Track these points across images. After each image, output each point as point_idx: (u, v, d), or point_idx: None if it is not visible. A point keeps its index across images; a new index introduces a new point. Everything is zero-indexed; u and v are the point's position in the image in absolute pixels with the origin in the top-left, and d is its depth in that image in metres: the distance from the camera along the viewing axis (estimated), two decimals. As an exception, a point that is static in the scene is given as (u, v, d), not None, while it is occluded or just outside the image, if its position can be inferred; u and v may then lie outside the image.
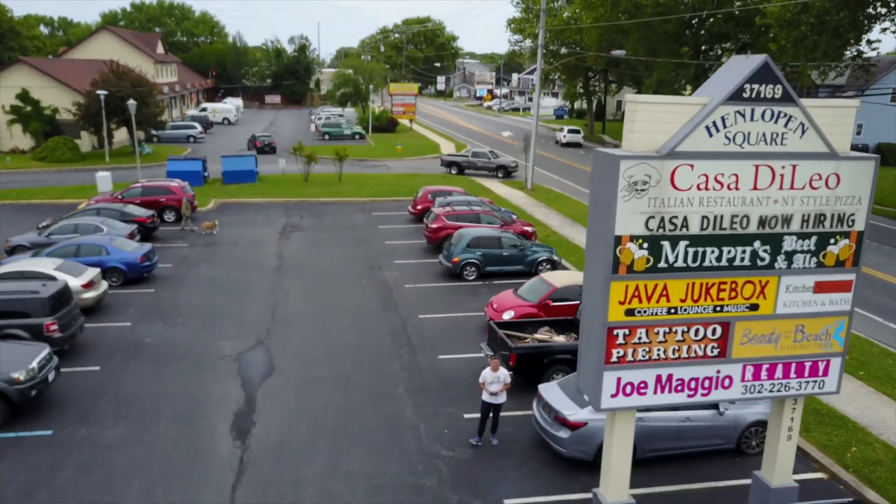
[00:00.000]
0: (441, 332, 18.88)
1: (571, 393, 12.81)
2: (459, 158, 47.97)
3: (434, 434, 13.61)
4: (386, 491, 11.74)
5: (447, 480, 12.08)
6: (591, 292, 9.38)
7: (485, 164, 47.10)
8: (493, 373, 12.94)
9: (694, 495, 11.83)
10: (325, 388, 15.48)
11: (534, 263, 23.53)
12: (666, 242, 8.95)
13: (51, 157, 46.34)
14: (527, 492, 11.78)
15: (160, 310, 20.23)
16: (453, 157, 48.53)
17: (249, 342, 17.98)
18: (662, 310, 9.20)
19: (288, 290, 22.22)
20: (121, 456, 12.64)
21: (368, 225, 31.68)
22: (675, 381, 9.52)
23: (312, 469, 12.33)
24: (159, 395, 15.01)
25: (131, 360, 16.76)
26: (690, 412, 12.57)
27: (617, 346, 9.18)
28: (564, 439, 12.21)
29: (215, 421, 13.96)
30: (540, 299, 18.34)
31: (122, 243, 22.72)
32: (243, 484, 11.86)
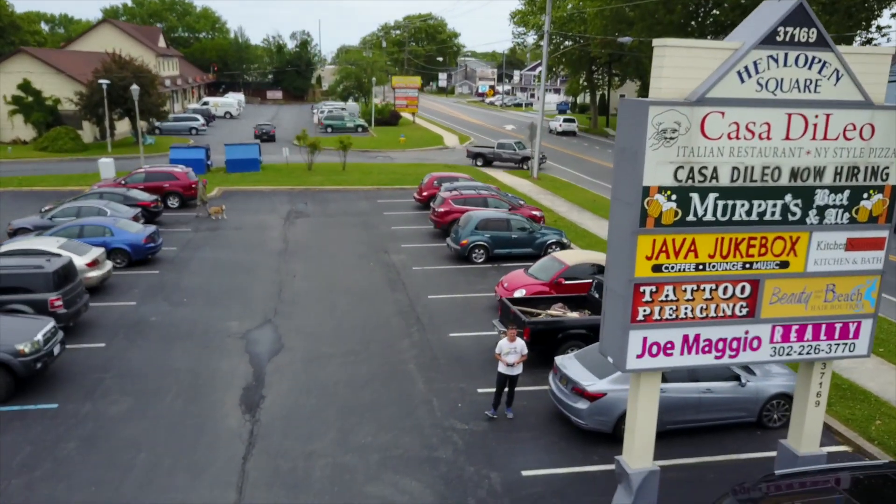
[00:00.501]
0: (450, 311, 18.55)
1: (589, 364, 12.49)
2: (485, 149, 45.88)
3: (447, 408, 13.29)
4: (400, 463, 11.41)
5: (462, 452, 11.75)
6: (616, 248, 9.04)
7: (510, 156, 44.78)
8: (510, 343, 12.62)
9: (715, 467, 11.49)
10: (334, 365, 15.16)
11: (543, 246, 23.18)
12: (695, 194, 8.62)
13: (52, 147, 46.03)
14: (545, 463, 11.45)
15: (165, 290, 19.92)
16: (479, 147, 46.90)
17: (256, 321, 17.67)
18: (690, 266, 8.86)
19: (294, 272, 21.91)
20: (127, 429, 12.33)
21: (374, 211, 31.36)
22: (702, 342, 9.19)
23: (324, 442, 12.01)
24: (166, 370, 14.69)
25: (137, 337, 16.44)
26: (711, 384, 12.25)
27: (643, 303, 8.84)
28: (583, 410, 11.88)
29: (223, 395, 13.64)
30: (552, 278, 18.00)
31: (126, 224, 22.41)
32: (254, 456, 11.54)
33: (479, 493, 10.61)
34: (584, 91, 76.85)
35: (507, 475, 11.09)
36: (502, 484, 10.86)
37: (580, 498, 10.56)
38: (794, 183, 8.84)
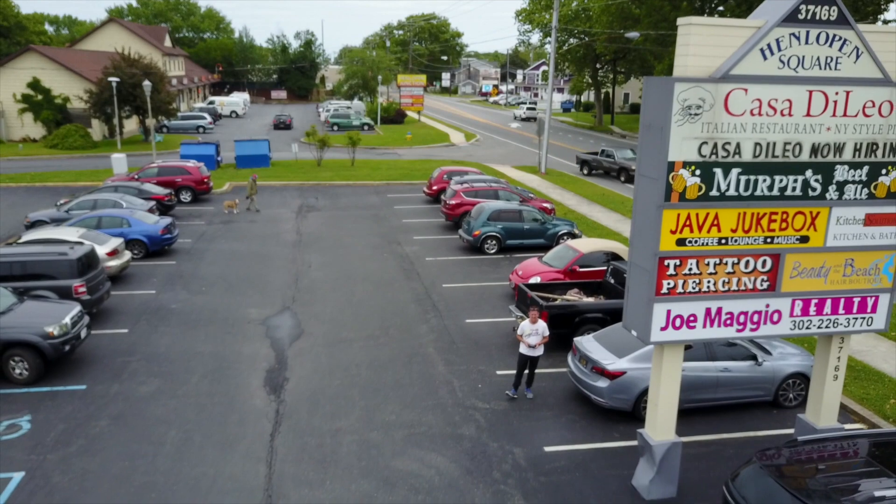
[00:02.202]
0: (466, 299, 18.79)
1: (608, 344, 12.72)
2: (589, 157, 41.41)
3: (468, 388, 13.53)
4: (424, 439, 11.65)
5: (485, 430, 11.99)
6: (640, 223, 9.27)
7: (609, 165, 39.68)
8: (532, 325, 12.84)
9: (734, 443, 11.71)
10: (354, 348, 15.40)
11: (555, 237, 23.40)
12: (718, 170, 8.85)
13: (63, 145, 46.36)
14: (566, 440, 11.68)
15: (183, 279, 20.18)
16: (586, 154, 42.12)
17: (275, 308, 17.92)
18: (713, 240, 9.10)
19: (309, 262, 22.16)
20: (156, 408, 12.58)
21: (384, 205, 31.61)
22: (724, 315, 9.42)
23: (349, 420, 12.26)
24: (189, 354, 14.95)
25: (159, 324, 16.70)
26: (729, 363, 12.46)
27: (667, 276, 9.08)
28: (603, 389, 12.11)
29: (248, 378, 13.89)
30: (566, 265, 18.23)
31: (142, 216, 22.67)
32: (281, 433, 11.78)
33: (504, 467, 10.85)
34: (589, 88, 77.00)
35: (529, 451, 11.32)
36: (526, 459, 11.09)
37: (603, 471, 10.79)
38: (815, 159, 9.07)
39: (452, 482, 10.45)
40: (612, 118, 76.98)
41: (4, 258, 15.85)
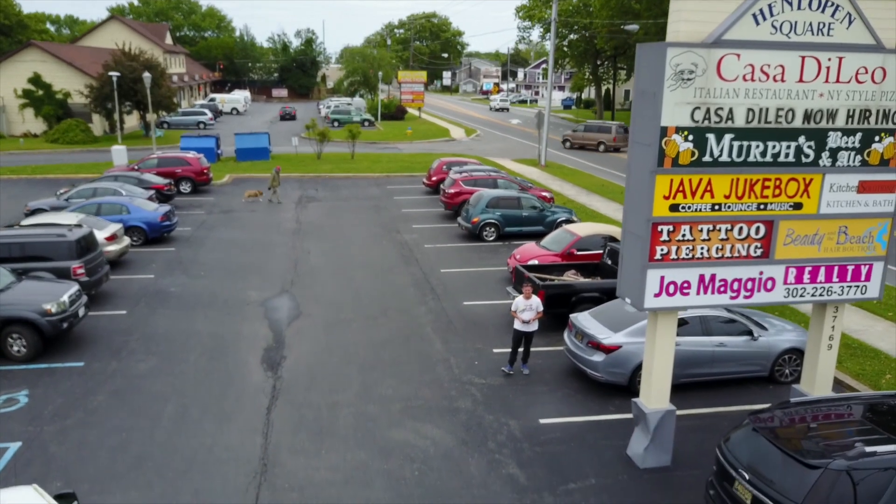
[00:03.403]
0: (464, 283, 18.83)
1: (604, 319, 12.76)
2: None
3: (464, 365, 13.57)
4: (421, 412, 11.69)
5: (481, 403, 12.03)
6: (634, 189, 9.31)
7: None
8: (526, 301, 12.88)
9: (730, 416, 11.70)
10: (353, 328, 15.46)
11: (553, 224, 23.41)
12: (711, 135, 8.89)
13: (63, 140, 46.48)
14: (562, 413, 11.72)
15: (182, 264, 20.25)
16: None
17: (274, 291, 17.98)
18: (706, 206, 9.13)
19: (309, 249, 22.22)
20: (154, 384, 12.64)
21: (384, 196, 31.67)
22: (717, 282, 9.45)
23: (346, 394, 12.30)
24: (188, 334, 15.01)
25: (158, 306, 16.76)
26: (724, 338, 12.49)
27: (661, 242, 9.12)
28: (598, 363, 12.14)
29: (245, 356, 13.94)
30: (564, 249, 18.26)
31: (142, 203, 22.77)
32: (278, 406, 11.83)
33: (499, 438, 10.88)
34: (590, 85, 77.00)
35: (525, 423, 11.36)
36: (521, 430, 11.13)
37: (598, 442, 10.82)
38: (808, 125, 9.10)
39: (447, 452, 10.49)
40: (613, 115, 76.98)
41: (3, 239, 15.93)
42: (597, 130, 49.64)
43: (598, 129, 49.72)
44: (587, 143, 49.06)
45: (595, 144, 48.62)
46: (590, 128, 50.35)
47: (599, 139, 48.69)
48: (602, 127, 50.12)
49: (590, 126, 50.82)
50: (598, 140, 48.64)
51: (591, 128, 50.29)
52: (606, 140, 48.43)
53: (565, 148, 49.33)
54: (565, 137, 50.37)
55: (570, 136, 50.21)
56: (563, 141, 50.12)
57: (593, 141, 48.76)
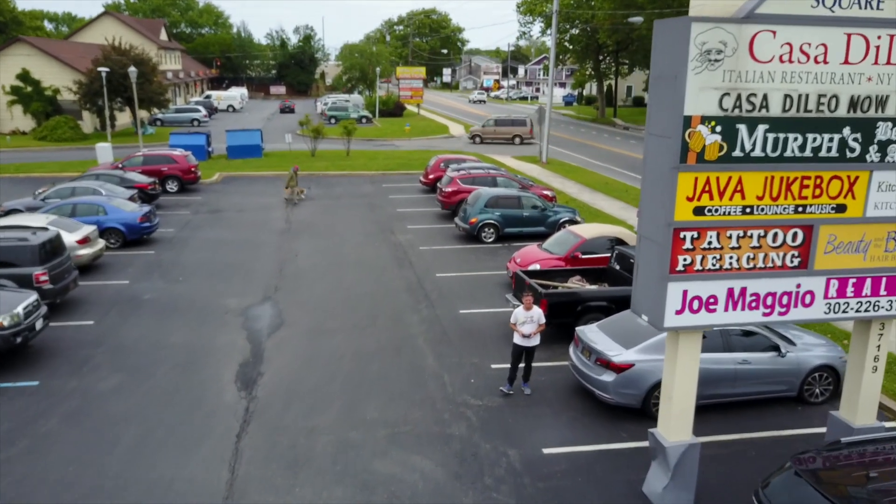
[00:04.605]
0: (460, 288, 17.57)
1: (614, 334, 11.50)
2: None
3: (459, 383, 12.31)
4: (409, 439, 10.43)
5: (477, 429, 10.77)
6: (651, 189, 8.03)
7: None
8: (526, 312, 11.64)
9: (756, 444, 10.47)
10: (338, 339, 14.20)
11: (556, 225, 22.13)
12: (742, 126, 7.61)
13: (51, 137, 45.24)
14: (567, 441, 10.46)
15: (161, 268, 19.01)
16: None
17: (256, 298, 16.73)
18: (736, 209, 7.86)
19: (297, 251, 20.97)
20: (115, 405, 11.39)
21: (379, 194, 30.41)
22: (748, 297, 8.18)
23: (326, 417, 11.05)
24: (158, 346, 13.76)
25: (129, 314, 15.52)
26: (749, 354, 11.22)
27: (684, 251, 7.84)
28: (608, 384, 10.88)
29: (218, 371, 12.70)
30: (567, 252, 17.00)
31: (120, 203, 21.53)
32: (250, 432, 10.58)
33: (497, 472, 9.63)
34: (592, 80, 75.64)
35: (526, 452, 10.10)
36: (522, 462, 9.88)
37: (608, 475, 9.57)
38: (853, 114, 7.82)
39: (438, 488, 9.24)
40: (615, 111, 75.61)
41: (-39, 244, 14.68)
42: (510, 124, 48.85)
43: (512, 123, 48.90)
44: (499, 137, 48.01)
45: (510, 138, 47.87)
46: (501, 122, 49.18)
47: (515, 132, 48.07)
48: (516, 120, 49.36)
49: (501, 120, 49.53)
50: (514, 133, 48.01)
51: (504, 122, 49.21)
52: (523, 133, 48.18)
53: (475, 143, 47.79)
54: (474, 133, 48.74)
55: (480, 131, 48.64)
56: (472, 137, 48.54)
57: (507, 135, 48.02)
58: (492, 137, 48.47)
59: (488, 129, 48.90)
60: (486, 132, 48.79)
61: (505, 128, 48.90)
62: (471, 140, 48.82)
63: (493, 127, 49.06)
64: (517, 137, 48.21)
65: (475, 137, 48.77)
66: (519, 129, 48.58)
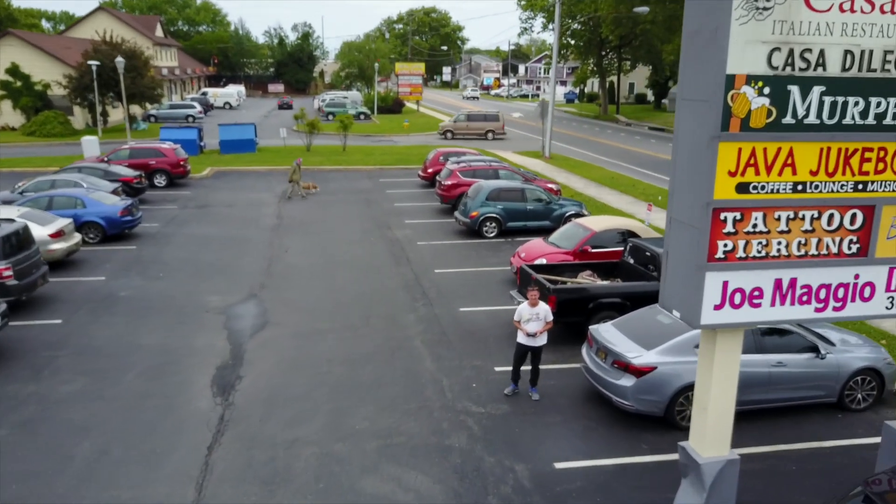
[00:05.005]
0: (460, 285, 16.39)
1: (633, 333, 10.31)
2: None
3: (459, 388, 11.12)
4: (402, 452, 9.24)
5: (479, 440, 9.58)
6: (686, 164, 6.84)
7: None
8: (532, 309, 10.46)
9: (795, 457, 9.28)
10: (327, 341, 13.01)
11: (561, 219, 20.91)
12: (794, 87, 6.43)
13: (40, 132, 43.99)
14: (581, 453, 9.27)
15: (141, 265, 17.81)
16: None
17: (241, 295, 15.54)
18: (786, 186, 6.67)
19: (287, 246, 19.78)
20: (74, 413, 10.20)
21: (376, 189, 29.22)
22: (799, 289, 6.99)
23: (310, 427, 9.85)
24: (130, 348, 12.57)
25: (102, 313, 14.33)
26: (784, 356, 10.03)
27: (724, 236, 6.65)
28: (627, 389, 9.68)
29: (193, 375, 11.50)
30: (576, 246, 15.80)
31: (100, 196, 20.33)
32: (223, 444, 9.39)
33: (503, 490, 8.43)
34: (594, 76, 74.48)
35: (536, 467, 8.91)
36: (531, 478, 8.68)
37: (630, 495, 8.37)
38: (926, 74, 6.64)
39: (435, 510, 8.05)
40: (618, 108, 74.44)
41: (-83, 236, 13.49)
42: (482, 119, 48.23)
43: (484, 118, 48.29)
44: (471, 133, 47.20)
45: (482, 133, 47.22)
46: (473, 117, 48.57)
47: (487, 127, 47.45)
48: (488, 115, 48.79)
49: (473, 115, 49.01)
50: (486, 129, 47.36)
51: (476, 117, 48.65)
52: (495, 128, 47.58)
53: (446, 139, 46.68)
54: (445, 128, 47.72)
55: (452, 126, 47.74)
56: (444, 132, 47.55)
57: (480, 130, 47.35)
58: (464, 132, 47.49)
59: (460, 125, 48.01)
60: (458, 127, 47.84)
61: (477, 123, 47.99)
62: (442, 136, 47.68)
63: (465, 122, 48.16)
64: (490, 132, 47.41)
65: (446, 133, 47.63)
66: (491, 124, 47.76)
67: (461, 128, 47.79)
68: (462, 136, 47.19)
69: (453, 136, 47.29)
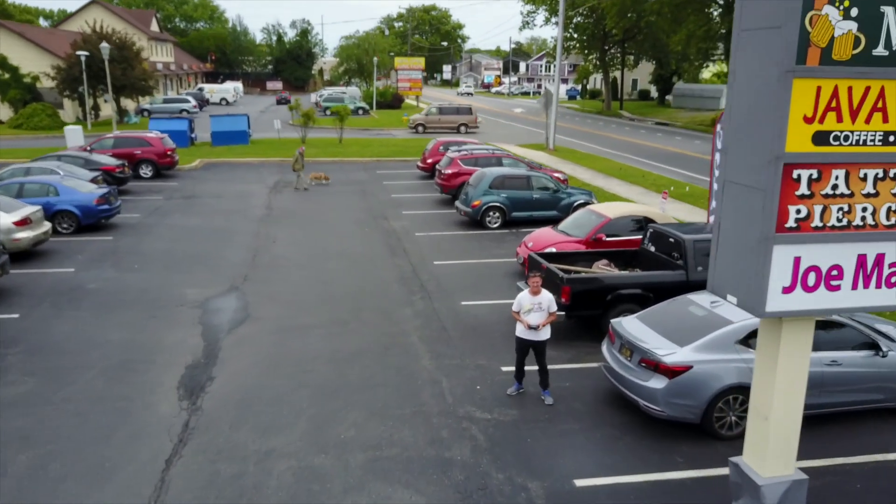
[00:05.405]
0: (462, 277, 15.02)
1: (662, 327, 8.93)
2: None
3: (462, 391, 9.73)
4: (394, 467, 7.85)
5: (485, 451, 8.19)
6: (746, 111, 5.47)
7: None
8: (533, 297, 9.10)
9: (859, 473, 7.88)
10: (314, 337, 11.63)
11: (570, 209, 19.53)
12: (889, 9, 5.06)
13: (28, 125, 42.63)
14: (605, 468, 7.88)
15: (116, 256, 16.45)
16: None
17: (221, 288, 14.17)
18: (876, 136, 5.31)
19: (275, 237, 18.41)
20: (16, 419, 8.81)
21: (372, 181, 27.86)
22: (887, 269, 5.63)
23: (288, 436, 8.47)
24: (91, 345, 11.19)
25: (65, 307, 12.96)
26: (838, 353, 8.64)
27: (797, 199, 5.29)
28: (658, 392, 8.29)
29: (159, 375, 10.12)
30: (589, 234, 14.42)
31: (75, 184, 18.97)
32: (185, 456, 8.00)
33: (514, 513, 7.05)
34: (597, 71, 73.09)
35: (553, 485, 7.52)
36: (547, 498, 7.30)
37: (667, 519, 6.99)
38: None
39: (433, 539, 6.67)
40: (621, 104, 73.03)
41: None
42: (454, 112, 47.38)
43: (456, 111, 47.46)
44: (444, 126, 46.01)
45: (455, 126, 46.07)
46: (445, 110, 47.55)
47: (460, 121, 46.37)
48: (460, 108, 48.16)
49: (445, 108, 47.95)
50: (459, 122, 46.31)
51: (447, 110, 47.63)
52: (468, 121, 46.59)
53: (417, 133, 45.42)
54: (417, 122, 46.53)
55: (423, 119, 46.56)
56: (415, 126, 46.35)
57: (452, 123, 46.18)
58: (435, 126, 46.16)
59: (432, 118, 46.70)
60: (430, 121, 46.50)
61: (449, 116, 46.78)
62: (413, 130, 46.26)
63: (437, 115, 46.89)
64: (462, 126, 46.21)
65: (418, 126, 46.26)
66: (464, 117, 46.69)
67: (433, 121, 46.48)
68: (434, 130, 45.72)
69: (425, 130, 45.84)
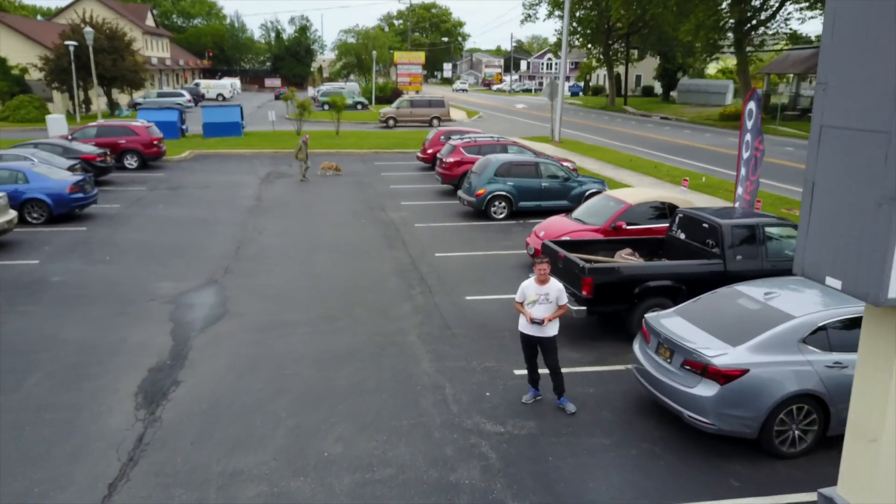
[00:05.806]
0: (466, 271, 13.62)
1: (706, 323, 7.52)
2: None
3: (468, 398, 8.31)
4: (388, 492, 6.44)
5: (499, 473, 6.78)
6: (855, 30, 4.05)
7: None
8: (540, 287, 7.72)
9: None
10: (298, 336, 10.22)
11: (581, 198, 18.12)
12: None
13: (14, 117, 41.22)
14: (644, 494, 6.48)
15: (87, 247, 15.05)
16: None
17: (199, 281, 12.76)
18: None
19: (262, 228, 17.00)
20: (-60, 433, 7.41)
21: (370, 172, 26.45)
22: None
23: (260, 454, 7.05)
24: (44, 344, 9.79)
25: (21, 301, 11.55)
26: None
27: (935, 144, 3.86)
28: (706, 400, 6.88)
29: (115, 379, 8.71)
30: (607, 221, 13.01)
31: (47, 171, 17.56)
32: (132, 480, 6.59)
33: (537, 554, 5.64)
34: (601, 66, 71.69)
35: (581, 515, 6.12)
36: (576, 533, 5.89)
37: (730, 563, 5.58)
38: None
39: (436, 591, 5.25)
40: (625, 100, 71.60)
41: None
42: (426, 105, 45.79)
43: (429, 104, 45.85)
44: (416, 119, 44.48)
45: (428, 120, 44.32)
46: (417, 103, 46.09)
47: (432, 114, 44.74)
48: (432, 101, 46.66)
49: (417, 101, 46.65)
50: (431, 115, 44.58)
51: (419, 103, 46.16)
52: (441, 114, 45.11)
53: (388, 126, 43.61)
54: (387, 115, 44.48)
55: (394, 112, 44.70)
56: (385, 120, 44.29)
57: (424, 116, 44.63)
58: (407, 119, 44.57)
59: (403, 111, 45.04)
60: (401, 114, 44.80)
61: (421, 109, 45.24)
62: (384, 124, 44.30)
63: (409, 108, 45.29)
64: (435, 119, 44.67)
65: (389, 120, 44.33)
66: (437, 110, 45.23)
67: (404, 114, 44.82)
68: (406, 124, 44.21)
69: (396, 124, 44.20)
